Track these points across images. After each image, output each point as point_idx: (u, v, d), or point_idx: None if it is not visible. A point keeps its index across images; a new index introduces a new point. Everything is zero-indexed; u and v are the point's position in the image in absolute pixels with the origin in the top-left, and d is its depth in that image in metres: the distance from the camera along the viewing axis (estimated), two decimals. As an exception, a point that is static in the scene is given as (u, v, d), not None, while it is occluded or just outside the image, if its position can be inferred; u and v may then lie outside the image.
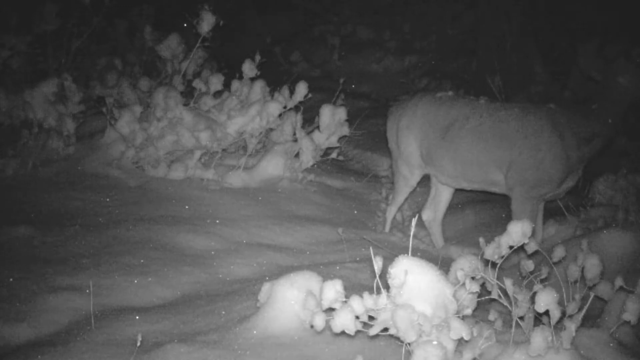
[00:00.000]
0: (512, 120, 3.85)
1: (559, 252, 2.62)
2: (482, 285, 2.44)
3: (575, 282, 2.59)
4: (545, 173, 3.77)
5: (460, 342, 2.36)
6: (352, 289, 2.91)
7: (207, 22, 5.18)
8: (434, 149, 4.06)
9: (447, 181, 4.19)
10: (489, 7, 7.54)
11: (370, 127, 6.75)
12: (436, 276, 2.33)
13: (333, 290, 2.32)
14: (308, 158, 5.04)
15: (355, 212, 4.85)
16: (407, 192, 4.42)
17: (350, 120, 5.31)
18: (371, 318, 2.34)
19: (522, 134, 3.80)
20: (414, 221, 2.52)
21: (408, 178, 4.32)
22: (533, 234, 3.91)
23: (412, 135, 4.16)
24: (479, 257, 2.43)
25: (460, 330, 2.25)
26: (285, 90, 5.22)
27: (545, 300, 2.32)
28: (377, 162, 6.05)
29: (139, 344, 2.48)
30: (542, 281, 2.45)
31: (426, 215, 4.44)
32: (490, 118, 3.90)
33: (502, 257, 2.44)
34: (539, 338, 2.29)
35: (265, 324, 2.73)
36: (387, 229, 4.51)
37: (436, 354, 2.20)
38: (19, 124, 5.30)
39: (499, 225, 4.07)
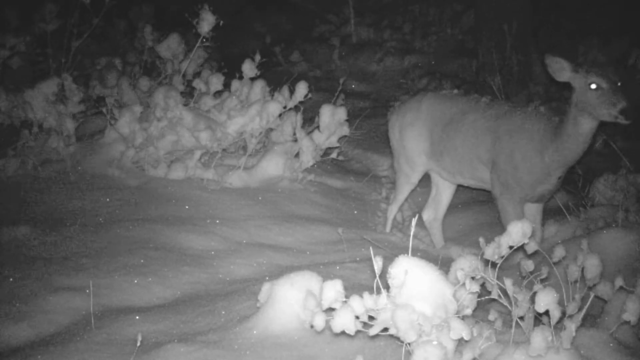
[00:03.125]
0: (497, 119, 3.84)
1: (559, 252, 2.62)
2: (482, 285, 2.44)
3: (575, 282, 2.59)
4: (516, 175, 3.75)
5: (460, 342, 2.36)
6: (352, 289, 2.91)
7: (207, 22, 5.18)
8: (436, 143, 4.09)
9: (447, 177, 4.22)
10: (489, 7, 7.54)
11: (370, 127, 6.75)
12: (436, 276, 2.32)
13: (333, 290, 2.32)
14: (308, 158, 5.04)
15: (355, 212, 4.85)
16: (408, 190, 4.43)
17: (350, 120, 5.31)
18: (371, 318, 2.33)
19: (501, 134, 3.79)
20: (414, 221, 2.52)
21: (410, 175, 4.33)
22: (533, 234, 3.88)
23: (415, 131, 4.18)
24: (479, 257, 2.43)
25: (460, 330, 2.25)
26: (285, 90, 5.22)
27: (545, 300, 2.32)
28: (377, 162, 6.05)
29: (139, 344, 2.48)
30: (542, 281, 2.44)
31: (427, 215, 4.45)
32: (483, 115, 3.91)
33: (502, 257, 2.44)
34: (539, 338, 2.29)
35: (265, 324, 2.73)
36: (388, 228, 4.52)
37: (436, 354, 2.20)
38: (19, 124, 5.30)
39: (499, 225, 4.06)
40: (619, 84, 3.41)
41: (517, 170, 3.73)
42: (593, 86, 3.39)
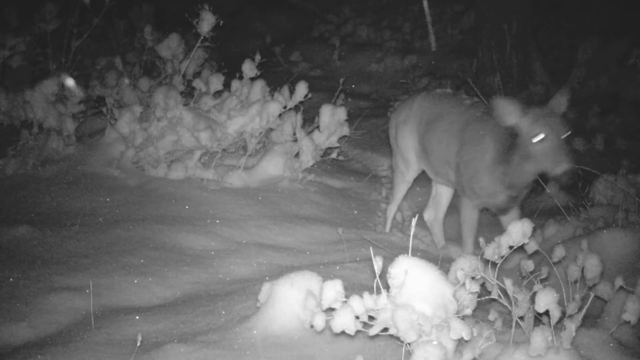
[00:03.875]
0: (468, 125, 3.78)
1: (559, 252, 2.62)
2: (482, 285, 2.44)
3: (575, 282, 2.59)
4: (470, 182, 3.73)
5: (460, 342, 2.36)
6: (352, 289, 2.91)
7: (207, 22, 5.18)
8: (422, 142, 4.10)
9: (433, 177, 4.24)
10: (489, 7, 7.54)
11: (370, 127, 6.75)
12: (436, 276, 2.32)
13: (333, 290, 2.32)
14: (308, 158, 5.04)
15: (355, 212, 4.85)
16: (404, 189, 4.44)
17: (350, 120, 5.31)
18: (371, 318, 2.33)
19: (466, 140, 3.74)
20: (414, 221, 2.52)
21: (405, 174, 4.35)
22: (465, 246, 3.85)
23: (407, 129, 4.21)
24: (479, 257, 2.43)
25: (460, 330, 2.25)
26: (285, 90, 5.22)
27: (545, 300, 2.32)
28: (377, 162, 6.05)
29: (139, 344, 2.48)
30: (542, 281, 2.45)
31: (427, 214, 4.46)
32: (458, 119, 3.86)
33: (502, 257, 2.45)
34: (539, 338, 2.29)
35: (265, 324, 2.73)
36: (387, 228, 4.52)
37: (436, 354, 2.20)
38: (19, 124, 5.30)
39: (499, 225, 4.06)
40: (568, 134, 3.25)
41: (471, 178, 3.72)
42: (538, 137, 3.24)
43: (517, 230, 2.40)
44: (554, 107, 3.35)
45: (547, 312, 2.35)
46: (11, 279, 3.31)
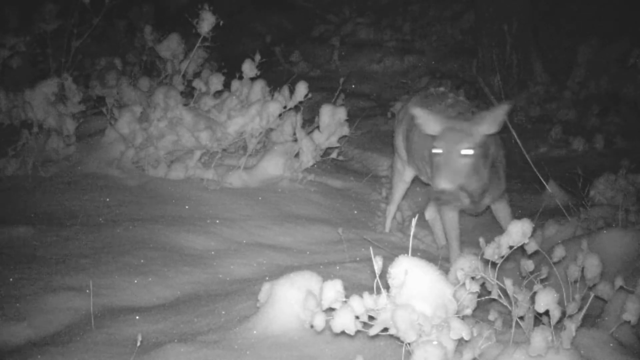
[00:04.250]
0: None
1: (559, 252, 2.62)
2: (482, 285, 2.44)
3: (575, 282, 2.59)
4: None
5: (460, 342, 2.36)
6: (352, 289, 2.91)
7: (207, 22, 5.18)
8: (408, 140, 4.11)
9: (418, 174, 4.23)
10: (489, 7, 7.54)
11: (370, 127, 6.76)
12: (436, 276, 2.32)
13: (333, 290, 2.32)
14: (308, 158, 5.04)
15: (355, 212, 4.85)
16: (403, 189, 4.45)
17: (350, 120, 5.31)
18: (371, 318, 2.33)
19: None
20: (414, 221, 2.52)
21: (401, 173, 4.37)
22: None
23: (401, 128, 4.23)
24: (479, 257, 2.43)
25: (460, 330, 2.25)
26: (285, 90, 5.22)
27: (545, 300, 2.32)
28: (377, 162, 6.05)
29: (139, 344, 2.48)
30: (542, 281, 2.44)
31: (428, 214, 4.47)
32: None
33: (502, 257, 2.44)
34: (539, 338, 2.29)
35: (265, 324, 2.73)
36: (387, 228, 4.52)
37: (436, 354, 2.20)
38: (19, 124, 5.30)
39: (499, 225, 4.06)
40: (467, 153, 3.22)
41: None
42: (434, 150, 3.27)
43: (517, 230, 2.40)
44: (479, 121, 3.30)
45: (547, 312, 2.35)
46: (11, 279, 3.31)
